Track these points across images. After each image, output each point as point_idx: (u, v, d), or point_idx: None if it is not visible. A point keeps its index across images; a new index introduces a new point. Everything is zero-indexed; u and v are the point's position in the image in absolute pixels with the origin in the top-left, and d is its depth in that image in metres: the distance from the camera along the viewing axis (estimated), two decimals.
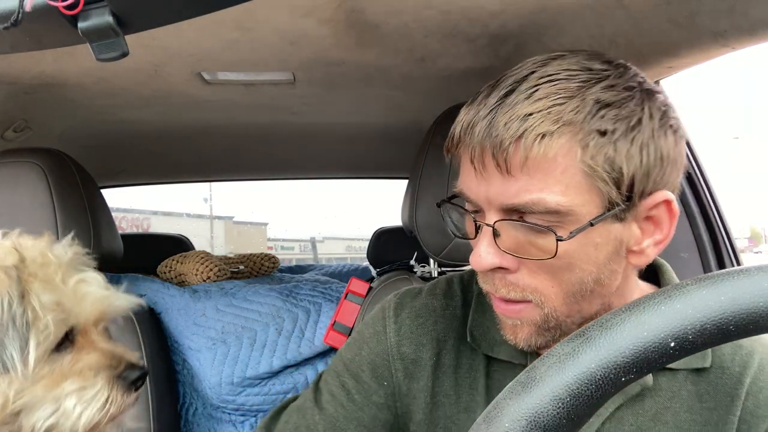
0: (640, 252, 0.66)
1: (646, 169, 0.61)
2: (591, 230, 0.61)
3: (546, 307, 0.65)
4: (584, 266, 0.63)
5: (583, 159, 0.60)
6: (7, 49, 0.56)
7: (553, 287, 0.64)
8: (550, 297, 0.65)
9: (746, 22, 0.88)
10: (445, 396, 0.77)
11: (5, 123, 1.50)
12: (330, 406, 0.80)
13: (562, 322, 0.66)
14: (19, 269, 0.70)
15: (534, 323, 0.67)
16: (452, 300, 0.83)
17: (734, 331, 0.35)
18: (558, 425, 0.35)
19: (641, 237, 0.65)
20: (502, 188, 0.62)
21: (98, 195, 1.41)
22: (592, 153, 0.59)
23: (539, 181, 0.60)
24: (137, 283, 1.59)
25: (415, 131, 1.84)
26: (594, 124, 0.59)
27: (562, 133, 0.59)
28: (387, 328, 0.82)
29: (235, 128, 1.86)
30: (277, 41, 1.14)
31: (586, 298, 0.65)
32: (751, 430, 0.68)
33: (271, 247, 16.58)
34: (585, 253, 0.62)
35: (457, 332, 0.80)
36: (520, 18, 1.07)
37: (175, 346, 1.55)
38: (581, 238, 0.61)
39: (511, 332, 0.69)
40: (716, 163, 26.76)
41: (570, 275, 0.63)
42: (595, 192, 0.61)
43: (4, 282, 0.67)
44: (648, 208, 0.64)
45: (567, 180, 0.60)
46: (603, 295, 0.66)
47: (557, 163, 0.60)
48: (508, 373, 0.75)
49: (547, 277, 0.64)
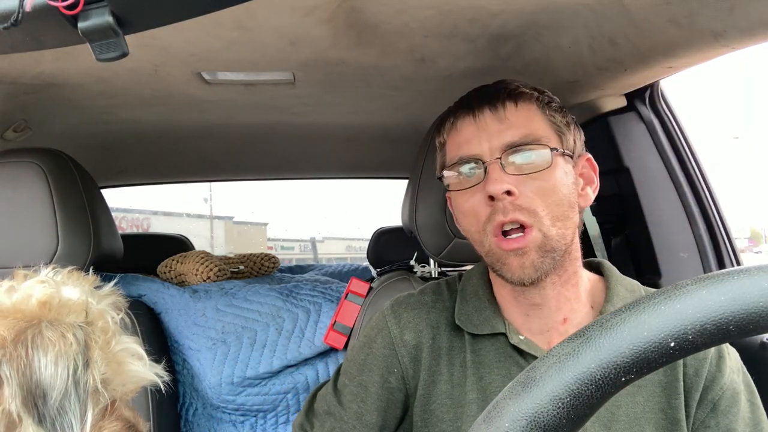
0: (585, 194, 0.92)
1: (577, 135, 0.92)
2: (561, 160, 0.87)
3: (544, 228, 0.84)
4: (562, 189, 0.86)
5: (544, 114, 0.90)
6: (7, 49, 0.56)
7: (544, 209, 0.84)
8: (544, 218, 0.84)
9: (746, 22, 0.89)
10: (439, 374, 0.93)
11: (5, 123, 1.50)
12: (354, 404, 0.96)
13: (555, 244, 0.85)
14: (86, 332, 0.68)
15: (537, 246, 0.84)
16: (441, 296, 1.01)
17: (734, 331, 0.35)
18: (558, 425, 0.35)
19: (583, 185, 0.92)
20: (500, 133, 0.87)
21: (98, 195, 1.41)
22: (550, 112, 0.90)
23: (525, 122, 0.87)
24: (137, 283, 1.59)
25: (415, 131, 1.84)
26: (545, 97, 0.91)
27: (531, 95, 0.90)
28: (389, 323, 0.98)
29: (235, 128, 1.86)
30: (277, 41, 1.14)
31: (564, 222, 0.86)
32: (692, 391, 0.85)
33: (271, 247, 16.58)
34: (561, 178, 0.86)
35: (447, 320, 0.97)
36: (520, 18, 1.07)
37: (175, 346, 1.55)
38: (558, 164, 0.86)
39: (518, 264, 0.85)
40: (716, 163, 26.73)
41: (555, 196, 0.85)
42: (556, 136, 0.89)
43: (72, 346, 0.65)
44: (581, 165, 0.92)
45: (540, 124, 0.89)
46: (573, 223, 0.88)
47: (532, 114, 0.89)
48: (490, 347, 0.92)
49: (540, 200, 0.84)
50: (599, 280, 0.95)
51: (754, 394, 0.87)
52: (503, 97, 0.89)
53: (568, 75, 1.30)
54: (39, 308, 0.67)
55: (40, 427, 0.63)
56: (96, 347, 0.68)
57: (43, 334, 0.64)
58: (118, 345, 0.72)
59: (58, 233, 1.25)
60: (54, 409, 0.63)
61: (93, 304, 0.71)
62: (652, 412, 0.85)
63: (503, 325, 0.91)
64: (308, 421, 1.01)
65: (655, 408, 0.85)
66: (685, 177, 1.41)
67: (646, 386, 0.86)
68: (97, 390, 0.66)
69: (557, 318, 0.90)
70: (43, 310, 0.67)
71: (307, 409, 1.03)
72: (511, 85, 0.91)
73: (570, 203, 0.87)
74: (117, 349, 0.71)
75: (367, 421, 0.95)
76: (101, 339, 0.69)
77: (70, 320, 0.67)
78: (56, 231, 1.25)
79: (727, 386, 0.85)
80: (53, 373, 0.63)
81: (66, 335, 0.65)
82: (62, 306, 0.69)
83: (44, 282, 0.71)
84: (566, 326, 0.90)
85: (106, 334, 0.71)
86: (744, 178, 42.80)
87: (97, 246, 1.32)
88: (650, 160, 1.42)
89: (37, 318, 0.66)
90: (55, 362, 0.64)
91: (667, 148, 1.42)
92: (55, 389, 0.63)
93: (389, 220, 2.44)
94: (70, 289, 0.72)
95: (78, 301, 0.70)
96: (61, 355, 0.64)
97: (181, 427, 1.56)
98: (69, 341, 0.65)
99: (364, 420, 0.95)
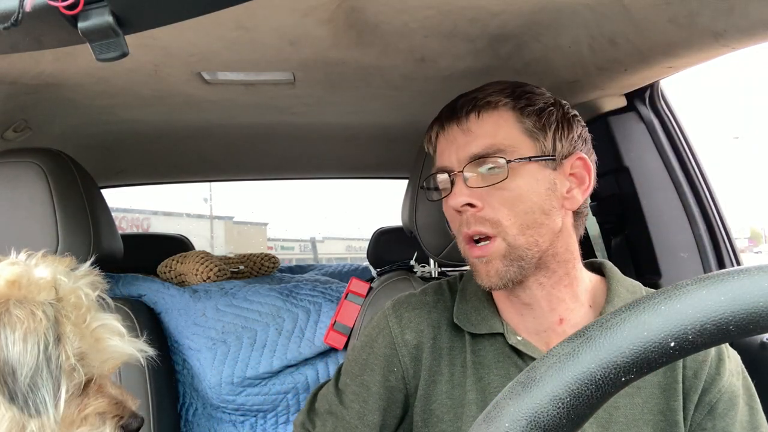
0: (571, 197, 0.89)
1: (561, 135, 0.88)
2: (531, 166, 0.86)
3: (508, 237, 0.85)
4: (530, 197, 0.85)
5: (517, 119, 0.87)
6: (7, 49, 0.56)
7: (510, 219, 0.85)
8: (510, 228, 0.85)
9: (746, 22, 0.89)
10: (440, 374, 0.93)
11: (5, 123, 1.50)
12: (355, 404, 0.96)
13: (523, 253, 0.85)
14: (56, 308, 0.68)
15: (501, 255, 0.85)
16: (442, 296, 1.01)
17: (734, 331, 0.35)
18: (558, 425, 0.35)
19: (570, 187, 0.89)
20: (465, 145, 0.87)
21: (98, 195, 1.41)
22: (524, 117, 0.87)
23: (490, 133, 0.87)
24: (137, 283, 1.59)
25: (415, 131, 1.84)
26: (522, 101, 0.88)
27: (501, 104, 0.88)
28: (390, 323, 0.98)
29: (235, 128, 1.86)
30: (277, 41, 1.14)
31: (537, 230, 0.85)
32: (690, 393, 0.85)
33: (271, 247, 16.58)
34: (529, 186, 0.85)
35: (447, 320, 0.97)
36: (520, 18, 1.07)
37: (175, 346, 1.55)
38: (525, 172, 0.85)
39: (485, 271, 0.87)
40: (716, 163, 26.68)
41: (522, 205, 0.85)
42: (530, 141, 0.87)
43: (42, 322, 0.65)
44: (570, 166, 0.89)
45: (509, 132, 0.87)
46: (551, 230, 0.87)
47: (500, 122, 0.87)
48: (489, 347, 0.92)
49: (505, 211, 0.85)
50: (601, 281, 0.95)
51: (753, 398, 0.87)
52: (468, 109, 0.89)
53: (568, 75, 1.30)
54: (7, 287, 0.68)
55: (12, 404, 0.63)
56: (68, 323, 0.68)
57: (10, 312, 0.65)
58: (95, 321, 0.72)
59: (58, 233, 1.25)
60: (25, 385, 0.63)
61: (64, 282, 0.71)
62: (651, 414, 0.84)
63: (501, 325, 0.92)
64: (310, 420, 1.01)
65: (653, 410, 0.85)
66: (685, 177, 1.41)
67: (645, 388, 0.85)
68: (71, 366, 0.66)
69: (552, 318, 0.90)
70: (12, 290, 0.67)
71: (309, 408, 1.03)
72: (480, 94, 0.90)
73: (543, 210, 0.86)
74: (94, 325, 0.71)
75: (369, 421, 0.95)
76: (74, 315, 0.69)
77: (41, 298, 0.67)
78: (56, 231, 1.25)
79: (725, 389, 0.85)
80: (21, 349, 0.64)
81: (35, 312, 0.65)
82: (32, 284, 0.69)
83: (14, 263, 0.72)
84: (563, 326, 0.90)
85: (80, 310, 0.70)
86: (744, 178, 42.73)
87: (97, 246, 1.32)
88: (650, 160, 1.42)
89: (5, 297, 0.66)
90: (23, 339, 0.64)
91: (667, 148, 1.42)
92: (25, 366, 0.63)
93: (389, 220, 2.44)
94: (41, 269, 0.72)
95: (48, 279, 0.70)
96: (30, 332, 0.64)
97: (181, 427, 1.56)
98: (38, 318, 0.65)
99: (366, 419, 0.95)
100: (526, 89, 0.91)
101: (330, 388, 1.01)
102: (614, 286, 0.91)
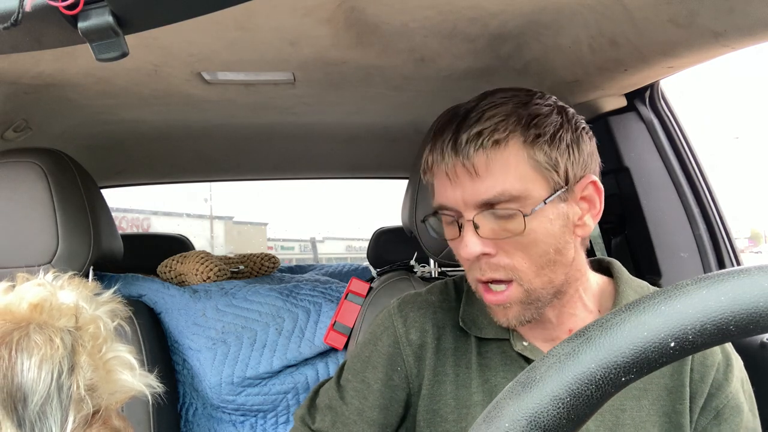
0: (582, 224, 0.85)
1: (573, 159, 0.82)
2: (545, 208, 0.80)
3: (525, 283, 0.81)
4: (546, 239, 0.80)
5: (529, 155, 0.79)
6: (7, 49, 0.56)
7: (526, 263, 0.81)
8: (526, 272, 0.81)
9: (746, 22, 0.88)
10: (444, 375, 0.93)
11: (5, 123, 1.50)
12: (355, 400, 0.96)
13: (539, 294, 0.82)
14: (74, 337, 0.66)
15: (519, 301, 0.82)
16: (447, 296, 1.00)
17: (734, 331, 0.35)
18: (558, 425, 0.35)
19: (582, 213, 0.84)
20: (473, 189, 0.80)
21: (98, 195, 1.41)
22: (534, 150, 0.79)
23: (500, 177, 0.79)
24: (137, 283, 1.59)
25: (415, 131, 1.84)
26: (531, 131, 0.80)
27: (510, 139, 0.79)
28: (395, 322, 0.98)
29: (235, 128, 1.86)
30: (277, 41, 1.14)
31: (551, 268, 0.82)
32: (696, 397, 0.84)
33: (271, 247, 16.55)
34: (544, 228, 0.80)
35: (452, 321, 0.96)
36: (520, 18, 1.07)
37: (175, 346, 1.55)
38: (539, 215, 0.79)
39: (503, 315, 0.84)
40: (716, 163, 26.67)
41: (536, 248, 0.80)
42: (542, 179, 0.80)
43: (58, 350, 0.64)
44: (581, 189, 0.84)
45: (520, 172, 0.79)
46: (564, 264, 0.83)
47: (510, 162, 0.79)
48: (497, 351, 0.91)
49: (520, 255, 0.81)
50: (608, 283, 0.92)
51: (753, 403, 0.87)
52: (474, 147, 0.79)
53: (568, 75, 1.29)
54: (29, 311, 0.67)
55: (19, 430, 0.62)
56: (83, 353, 0.67)
57: (29, 337, 0.64)
58: (109, 352, 0.71)
59: (58, 233, 1.25)
60: (34, 413, 0.62)
61: (86, 309, 0.70)
62: (657, 416, 0.84)
63: (507, 330, 0.90)
64: (309, 415, 1.01)
65: (660, 412, 0.84)
66: (685, 177, 1.41)
67: (651, 390, 0.85)
68: (80, 396, 0.65)
69: (562, 330, 0.89)
70: (34, 313, 0.67)
71: (309, 403, 1.03)
72: (485, 126, 0.79)
73: (557, 248, 0.81)
74: (108, 356, 0.70)
75: (368, 417, 0.95)
76: (90, 345, 0.68)
77: (61, 324, 0.66)
78: (56, 231, 1.25)
79: (732, 395, 0.84)
80: (36, 377, 0.63)
81: (54, 339, 0.64)
82: (54, 309, 0.68)
83: (41, 285, 0.70)
84: None
85: (97, 340, 0.69)
86: (744, 178, 42.68)
87: (97, 246, 1.32)
88: (650, 160, 1.42)
89: (26, 320, 0.65)
90: (39, 366, 0.63)
91: (667, 148, 1.42)
92: (37, 393, 0.62)
93: (389, 220, 2.44)
94: (66, 293, 0.71)
95: (70, 306, 0.69)
96: (46, 359, 0.63)
97: (181, 427, 1.56)
98: (56, 345, 0.64)
99: (365, 416, 0.95)
100: (532, 111, 0.81)
101: (331, 383, 1.01)
102: (622, 288, 0.89)
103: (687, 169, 1.41)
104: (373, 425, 0.95)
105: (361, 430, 0.95)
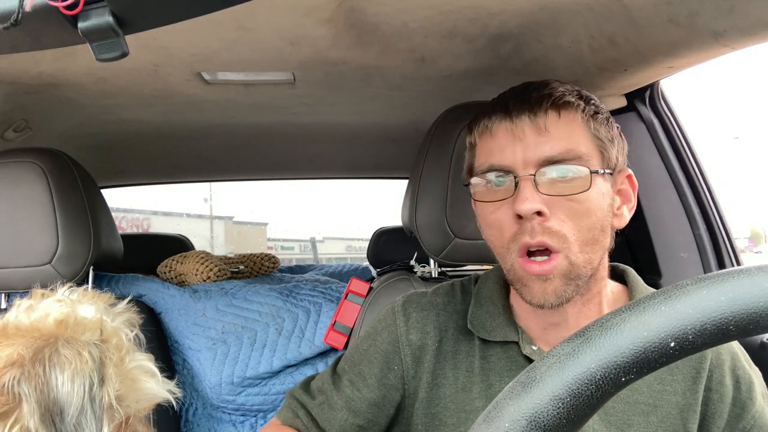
0: (620, 215, 0.85)
1: (620, 147, 0.85)
2: (600, 179, 0.80)
3: (571, 254, 0.79)
4: (597, 212, 0.80)
5: (592, 127, 0.82)
6: (7, 49, 0.56)
7: (575, 233, 0.79)
8: (573, 244, 0.79)
9: (746, 22, 0.88)
10: (444, 378, 0.91)
11: (5, 123, 1.50)
12: (348, 390, 0.95)
13: (581, 271, 0.80)
14: (101, 349, 0.69)
15: (562, 274, 0.79)
16: (453, 298, 0.98)
17: (734, 331, 0.35)
18: (558, 425, 0.35)
19: (620, 203, 0.86)
20: (537, 146, 0.79)
21: (98, 195, 1.41)
22: (596, 125, 0.82)
23: (567, 136, 0.80)
24: (137, 283, 1.59)
25: (415, 131, 1.84)
26: (591, 107, 0.83)
27: (578, 107, 0.82)
28: (397, 320, 0.96)
29: (235, 128, 1.86)
30: (277, 41, 1.14)
31: (593, 246, 0.80)
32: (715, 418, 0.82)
33: (271, 247, 16.55)
34: (597, 200, 0.80)
35: (456, 324, 0.94)
36: (520, 18, 1.07)
37: (175, 346, 1.55)
38: (596, 185, 0.79)
39: (540, 290, 0.80)
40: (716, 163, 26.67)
41: (588, 219, 0.79)
42: (599, 153, 0.82)
43: (88, 363, 0.66)
44: (620, 182, 0.85)
45: (585, 138, 0.81)
46: (602, 247, 0.82)
47: (577, 126, 0.81)
48: (502, 355, 0.89)
49: (571, 224, 0.79)
50: (622, 291, 0.91)
51: None
52: (546, 106, 0.80)
53: (568, 75, 1.29)
54: (56, 327, 0.69)
55: None
56: (110, 364, 0.69)
57: (59, 352, 0.66)
58: (131, 362, 0.73)
59: (58, 233, 1.25)
60: (71, 425, 0.64)
61: (107, 322, 0.73)
62: None
63: (516, 334, 0.88)
64: (300, 391, 1.01)
65: (668, 429, 0.82)
66: (685, 177, 1.41)
67: (661, 407, 0.83)
68: (111, 406, 0.67)
69: None
70: (60, 329, 0.69)
71: (303, 385, 1.03)
72: (556, 91, 0.82)
73: (602, 227, 0.81)
74: (131, 366, 0.73)
75: (354, 408, 0.94)
76: (116, 356, 0.70)
77: (86, 338, 0.69)
78: (56, 231, 1.25)
79: (759, 414, 0.83)
80: (70, 390, 0.65)
81: (82, 353, 0.66)
82: (78, 324, 0.70)
83: (61, 301, 0.72)
84: None
85: (121, 351, 0.72)
86: (744, 178, 42.70)
87: (97, 246, 1.32)
88: (650, 160, 1.42)
89: (54, 336, 0.67)
90: (71, 379, 0.65)
91: (667, 148, 1.42)
92: (72, 406, 0.64)
93: (389, 220, 2.43)
94: (85, 308, 0.73)
95: (93, 320, 0.72)
96: (77, 372, 0.65)
97: (181, 427, 1.56)
98: (85, 359, 0.66)
99: (352, 405, 0.94)
100: (585, 92, 0.85)
101: (328, 370, 1.01)
102: (636, 297, 0.88)
103: (687, 169, 1.41)
104: (357, 416, 0.94)
105: (344, 417, 0.94)
